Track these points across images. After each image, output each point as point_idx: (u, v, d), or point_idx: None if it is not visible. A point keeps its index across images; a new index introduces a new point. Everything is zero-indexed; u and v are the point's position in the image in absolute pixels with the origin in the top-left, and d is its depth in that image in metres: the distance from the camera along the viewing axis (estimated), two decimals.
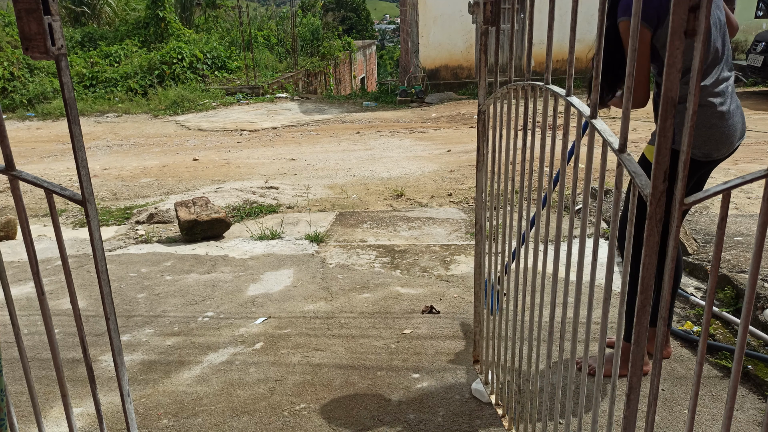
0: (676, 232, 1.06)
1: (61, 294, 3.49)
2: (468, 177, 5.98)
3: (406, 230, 4.43)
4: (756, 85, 10.87)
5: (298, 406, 2.35)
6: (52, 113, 11.62)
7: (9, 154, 1.32)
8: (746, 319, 1.08)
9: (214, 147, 8.38)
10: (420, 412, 2.27)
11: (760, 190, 4.27)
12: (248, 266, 3.83)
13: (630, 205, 1.20)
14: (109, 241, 4.47)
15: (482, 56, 2.09)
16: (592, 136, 1.33)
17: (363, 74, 24.67)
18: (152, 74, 13.46)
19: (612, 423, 1.32)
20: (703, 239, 3.54)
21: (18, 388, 2.52)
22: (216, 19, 18.97)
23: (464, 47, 12.20)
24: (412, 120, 10.05)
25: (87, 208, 1.36)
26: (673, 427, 2.11)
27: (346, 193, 5.65)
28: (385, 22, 60.48)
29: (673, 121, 1.00)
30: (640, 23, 1.09)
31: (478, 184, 2.24)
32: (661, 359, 1.14)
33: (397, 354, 2.69)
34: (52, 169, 7.30)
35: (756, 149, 6.41)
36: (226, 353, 2.77)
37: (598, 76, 1.26)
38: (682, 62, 0.96)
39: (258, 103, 12.39)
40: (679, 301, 3.03)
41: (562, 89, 1.46)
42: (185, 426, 2.25)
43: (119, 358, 1.49)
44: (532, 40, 1.60)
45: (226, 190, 5.83)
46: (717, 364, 2.45)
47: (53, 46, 1.20)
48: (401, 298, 3.27)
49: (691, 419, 1.16)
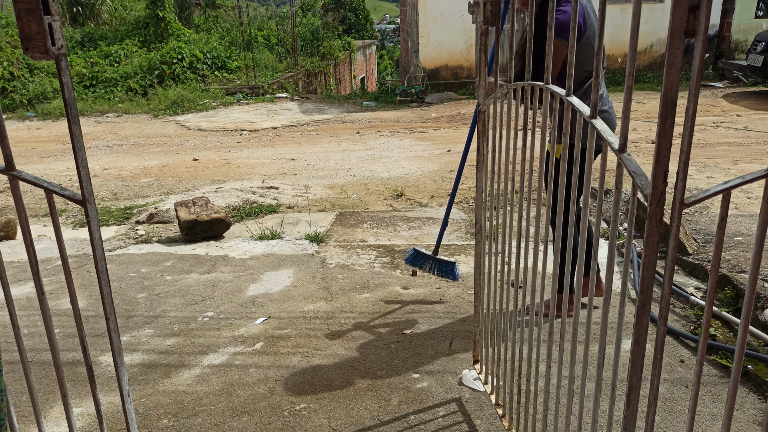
0: (676, 231, 1.06)
1: (61, 294, 3.49)
2: (468, 177, 5.98)
3: (406, 230, 4.43)
4: (756, 85, 10.87)
5: (298, 406, 2.35)
6: (52, 113, 11.61)
7: (9, 154, 1.32)
8: (746, 319, 1.08)
9: (214, 147, 8.38)
10: (420, 412, 2.27)
11: (760, 190, 4.27)
12: (248, 266, 3.83)
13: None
14: (109, 241, 4.47)
15: (482, 56, 2.09)
16: (592, 136, 1.33)
17: (363, 74, 24.66)
18: (152, 74, 13.45)
19: (612, 423, 1.32)
20: (703, 239, 3.54)
21: (18, 388, 2.52)
22: (216, 19, 18.96)
23: (464, 47, 12.19)
24: (412, 120, 10.05)
25: (87, 208, 1.36)
26: (673, 427, 2.11)
27: (346, 193, 5.65)
28: (385, 22, 60.46)
29: (673, 121, 1.00)
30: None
31: (478, 184, 2.24)
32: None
33: (397, 354, 2.69)
34: (52, 169, 7.30)
35: (756, 149, 6.41)
36: (226, 353, 2.77)
37: (599, 75, 1.26)
38: (583, 69, 1.04)
39: (258, 103, 12.39)
40: (679, 301, 3.03)
41: (562, 89, 1.46)
42: (185, 426, 2.25)
43: (119, 358, 1.49)
44: (532, 40, 1.60)
45: (226, 190, 5.83)
46: (717, 364, 2.45)
47: (53, 46, 1.20)
48: (401, 298, 3.27)
49: (691, 419, 1.16)
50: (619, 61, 12.07)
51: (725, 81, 11.71)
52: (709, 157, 6.00)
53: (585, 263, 2.56)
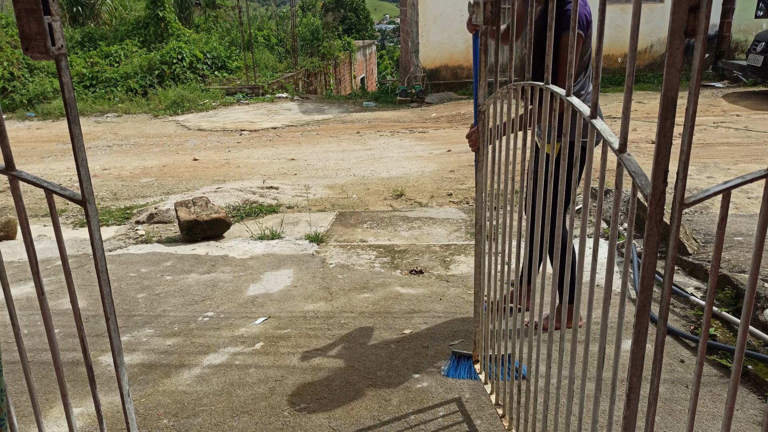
0: (676, 231, 1.06)
1: (61, 294, 3.49)
2: (468, 177, 5.98)
3: (406, 230, 4.43)
4: (756, 85, 10.87)
5: (298, 406, 2.35)
6: (52, 113, 11.61)
7: (9, 154, 1.32)
8: (746, 319, 1.08)
9: (214, 147, 8.38)
10: (420, 412, 2.27)
11: (760, 190, 4.27)
12: (248, 266, 3.83)
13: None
14: (109, 241, 4.47)
15: (482, 56, 2.09)
16: (592, 136, 1.33)
17: (363, 74, 24.65)
18: (152, 74, 13.45)
19: (612, 423, 1.32)
20: (703, 239, 3.54)
21: (18, 388, 2.53)
22: (216, 19, 18.96)
23: (464, 47, 12.19)
24: (412, 120, 10.05)
25: (87, 208, 1.36)
26: (673, 427, 2.11)
27: (346, 193, 5.65)
28: (385, 22, 60.45)
29: (673, 121, 1.00)
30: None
31: (478, 183, 2.24)
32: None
33: (397, 354, 2.69)
34: (52, 169, 7.30)
35: (756, 149, 6.41)
36: (226, 353, 2.78)
37: (598, 75, 1.26)
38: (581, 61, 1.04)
39: (258, 103, 12.39)
40: (679, 301, 3.03)
41: (562, 89, 1.46)
42: (185, 426, 2.25)
43: (119, 358, 1.49)
44: (532, 39, 1.60)
45: (226, 190, 5.83)
46: (717, 364, 2.45)
47: (53, 46, 1.20)
48: (401, 298, 3.27)
49: (691, 419, 1.16)
50: (619, 61, 12.07)
51: (725, 81, 11.71)
52: (709, 157, 6.00)
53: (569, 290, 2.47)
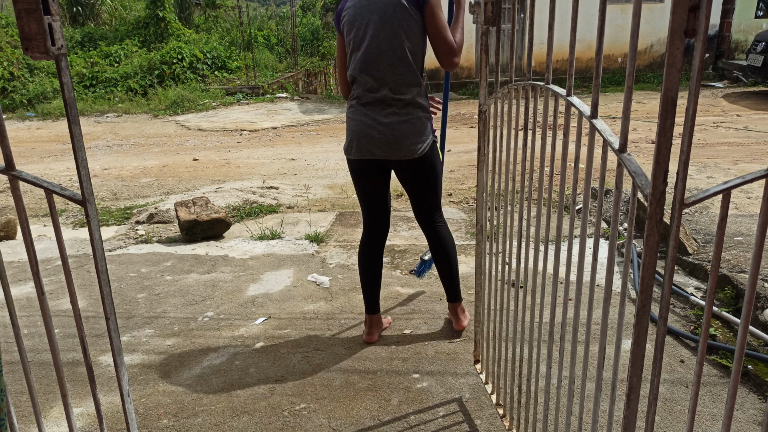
0: (676, 231, 1.06)
1: (61, 294, 3.49)
2: (468, 177, 5.98)
3: (406, 230, 4.43)
4: (756, 85, 10.87)
5: (298, 406, 2.35)
6: (52, 113, 11.62)
7: (9, 154, 1.32)
8: (746, 319, 1.08)
9: (214, 147, 8.38)
10: (420, 412, 2.27)
11: (760, 190, 4.27)
12: (248, 266, 3.83)
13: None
14: (109, 241, 4.47)
15: (483, 56, 2.09)
16: (592, 136, 1.34)
17: None
18: (152, 74, 13.45)
19: (612, 423, 1.32)
20: (703, 239, 3.54)
21: (18, 388, 2.52)
22: (216, 19, 18.96)
23: (464, 47, 12.19)
24: None
25: (87, 208, 1.36)
26: (673, 427, 2.11)
27: (346, 193, 5.65)
28: None
29: (673, 121, 1.00)
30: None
31: (479, 183, 2.24)
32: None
33: (397, 354, 2.69)
34: (52, 169, 7.30)
35: (756, 149, 6.41)
36: (226, 353, 2.78)
37: (599, 75, 1.26)
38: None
39: (258, 103, 12.39)
40: (679, 301, 3.03)
41: (563, 89, 1.46)
42: (185, 426, 2.25)
43: (119, 358, 1.49)
44: (532, 40, 1.60)
45: (226, 190, 5.83)
46: (717, 364, 2.45)
47: (53, 46, 1.20)
48: (401, 298, 3.27)
49: (691, 419, 1.16)
50: (619, 61, 12.07)
51: (725, 81, 11.71)
52: (709, 157, 6.00)
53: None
